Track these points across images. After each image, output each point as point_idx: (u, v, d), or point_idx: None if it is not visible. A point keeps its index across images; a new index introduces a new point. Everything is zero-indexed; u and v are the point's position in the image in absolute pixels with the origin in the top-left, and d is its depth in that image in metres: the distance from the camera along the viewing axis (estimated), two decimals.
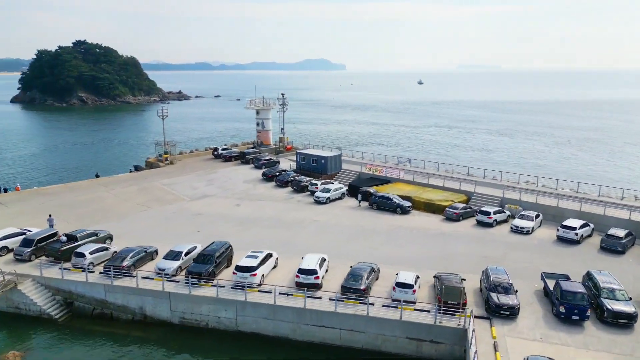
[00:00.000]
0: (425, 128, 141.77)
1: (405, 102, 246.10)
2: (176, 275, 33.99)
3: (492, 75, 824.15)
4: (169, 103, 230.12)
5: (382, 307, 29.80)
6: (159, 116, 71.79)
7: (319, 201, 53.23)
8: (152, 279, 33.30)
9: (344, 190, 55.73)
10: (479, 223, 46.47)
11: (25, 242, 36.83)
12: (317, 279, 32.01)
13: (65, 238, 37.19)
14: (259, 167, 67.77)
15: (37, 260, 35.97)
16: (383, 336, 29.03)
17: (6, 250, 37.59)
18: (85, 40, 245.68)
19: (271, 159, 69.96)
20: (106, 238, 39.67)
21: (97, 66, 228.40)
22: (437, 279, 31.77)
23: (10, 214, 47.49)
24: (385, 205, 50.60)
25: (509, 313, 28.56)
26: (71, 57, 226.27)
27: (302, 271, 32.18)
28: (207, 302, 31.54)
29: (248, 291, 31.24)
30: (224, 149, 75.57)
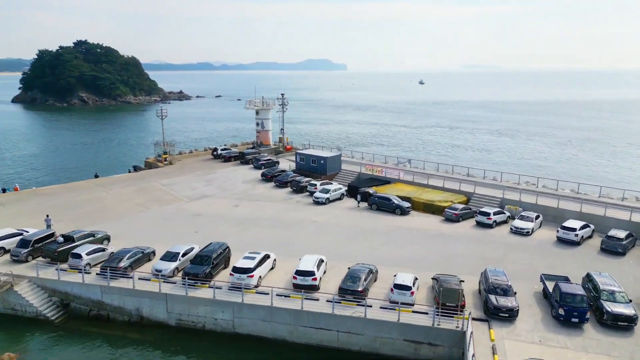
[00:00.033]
0: (426, 128, 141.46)
1: (406, 102, 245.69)
2: (173, 276, 33.80)
3: (495, 75, 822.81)
4: (170, 103, 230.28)
5: (379, 309, 29.57)
6: (158, 116, 71.70)
7: (318, 202, 53.03)
8: (149, 280, 33.14)
9: (343, 190, 55.50)
10: (479, 224, 46.24)
11: (22, 242, 36.69)
12: (314, 280, 31.81)
13: (62, 239, 37.05)
14: (258, 167, 67.56)
15: (34, 261, 35.82)
16: (381, 338, 28.82)
17: (3, 251, 37.45)
18: (87, 40, 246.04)
19: (270, 159, 69.76)
20: (103, 239, 39.51)
21: (98, 66, 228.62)
22: (436, 280, 31.53)
23: (8, 215, 47.35)
24: (385, 205, 50.38)
25: (507, 315, 28.33)
26: (72, 57, 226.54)
27: (300, 273, 31.98)
28: (203, 304, 31.36)
29: (245, 293, 31.09)
30: (223, 149, 75.37)
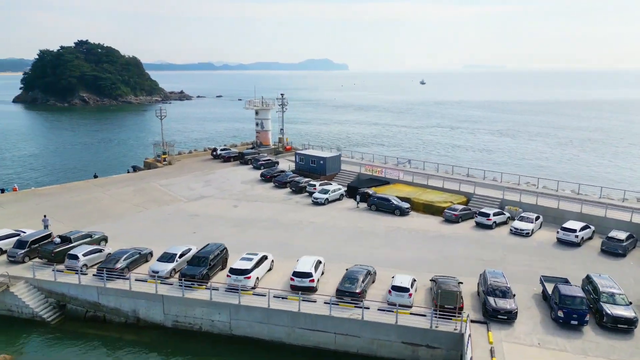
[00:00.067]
0: (427, 128, 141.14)
1: (407, 102, 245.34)
2: (170, 277, 33.60)
3: (495, 75, 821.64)
4: (171, 103, 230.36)
5: (377, 311, 29.34)
6: (157, 116, 71.51)
7: (317, 202, 52.81)
8: (145, 281, 32.95)
9: (342, 191, 55.28)
10: (478, 225, 45.98)
11: (19, 243, 36.53)
12: (312, 282, 31.58)
13: (59, 239, 36.88)
14: (257, 167, 67.34)
15: (31, 262, 35.63)
16: (378, 341, 28.58)
17: (0, 251, 37.27)
18: (88, 40, 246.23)
19: (270, 160, 69.53)
20: (101, 240, 39.33)
21: (99, 66, 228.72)
22: (434, 282, 31.25)
23: (6, 215, 47.19)
24: (384, 206, 50.13)
25: (506, 317, 28.07)
26: (73, 57, 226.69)
27: (297, 274, 31.74)
28: (200, 305, 31.16)
29: (242, 294, 30.89)
30: (222, 149, 75.19)
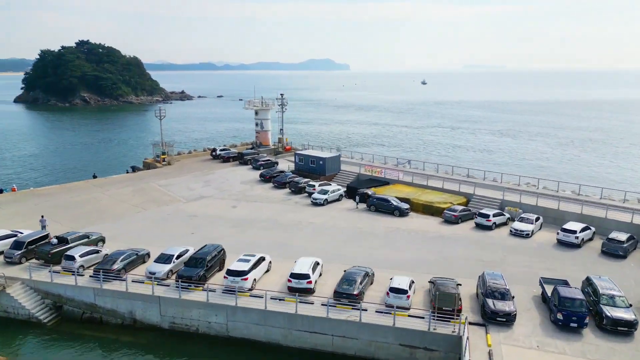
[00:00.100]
0: (428, 129, 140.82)
1: (408, 102, 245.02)
2: (167, 279, 33.41)
3: (496, 75, 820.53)
4: (172, 103, 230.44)
5: (375, 313, 29.12)
6: (157, 117, 71.33)
7: (316, 203, 52.59)
8: (142, 282, 32.77)
9: (341, 191, 55.04)
10: (478, 226, 45.72)
11: (16, 244, 36.35)
12: (309, 283, 31.36)
13: (56, 240, 36.72)
14: (257, 168, 67.12)
15: (27, 263, 35.47)
16: (376, 343, 28.35)
17: None
18: (89, 41, 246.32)
19: (269, 160, 69.31)
20: (98, 240, 39.16)
21: (100, 66, 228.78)
22: (433, 284, 31.03)
23: (4, 216, 47.04)
24: (383, 207, 49.90)
25: (505, 320, 27.82)
26: (74, 57, 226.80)
27: (294, 275, 31.52)
28: (197, 307, 30.96)
29: (239, 296, 30.69)
30: (222, 149, 75.00)
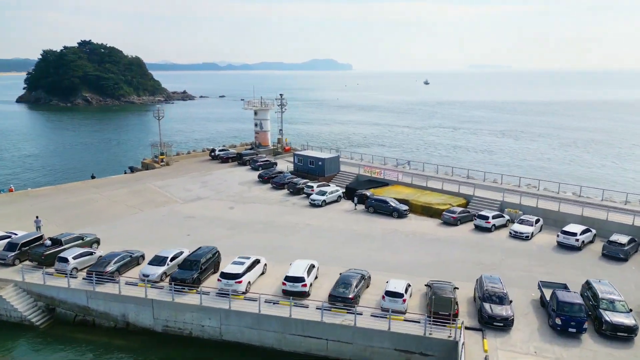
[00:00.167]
0: (429, 129, 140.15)
1: (410, 102, 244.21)
2: (161, 281, 33.03)
3: (500, 76, 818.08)
4: (173, 103, 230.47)
5: (370, 317, 28.67)
6: (155, 117, 71.00)
7: (314, 204, 52.15)
8: (135, 285, 32.39)
9: (340, 193, 54.56)
10: (477, 228, 45.19)
11: (10, 245, 36.04)
12: (304, 286, 30.93)
13: (49, 242, 36.38)
14: (255, 168, 66.71)
15: (20, 264, 35.16)
16: (371, 348, 27.90)
17: None
18: (90, 41, 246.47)
19: (268, 161, 68.86)
20: (92, 242, 38.79)
21: (102, 66, 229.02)
22: (429, 287, 30.57)
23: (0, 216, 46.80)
24: (382, 208, 49.42)
25: (502, 324, 27.33)
26: (76, 57, 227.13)
27: (289, 279, 31.09)
28: (190, 310, 30.56)
29: (233, 299, 30.27)
30: (220, 150, 74.65)
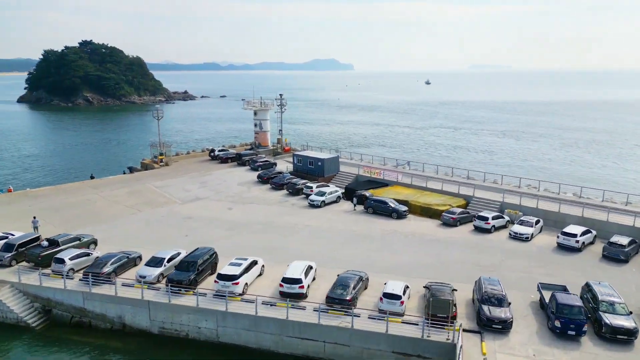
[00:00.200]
0: (430, 129, 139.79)
1: (411, 102, 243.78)
2: (158, 282, 32.83)
3: (501, 76, 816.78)
4: (174, 103, 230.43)
5: (368, 319, 28.43)
6: (154, 117, 70.82)
7: (313, 205, 51.93)
8: (132, 286, 32.20)
9: (339, 193, 54.33)
10: (477, 229, 44.92)
11: (6, 246, 35.86)
12: (301, 288, 30.70)
13: (46, 243, 36.20)
14: (255, 169, 66.53)
15: (17, 265, 34.98)
16: (368, 350, 27.66)
17: None
18: (92, 41, 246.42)
19: (268, 161, 68.64)
20: (90, 243, 38.63)
21: (103, 66, 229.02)
22: (427, 289, 30.32)
23: None
24: (381, 209, 49.18)
25: (501, 327, 27.08)
26: (77, 57, 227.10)
27: (286, 280, 30.87)
28: (187, 312, 30.35)
29: (230, 301, 30.06)
30: (220, 150, 74.46)
